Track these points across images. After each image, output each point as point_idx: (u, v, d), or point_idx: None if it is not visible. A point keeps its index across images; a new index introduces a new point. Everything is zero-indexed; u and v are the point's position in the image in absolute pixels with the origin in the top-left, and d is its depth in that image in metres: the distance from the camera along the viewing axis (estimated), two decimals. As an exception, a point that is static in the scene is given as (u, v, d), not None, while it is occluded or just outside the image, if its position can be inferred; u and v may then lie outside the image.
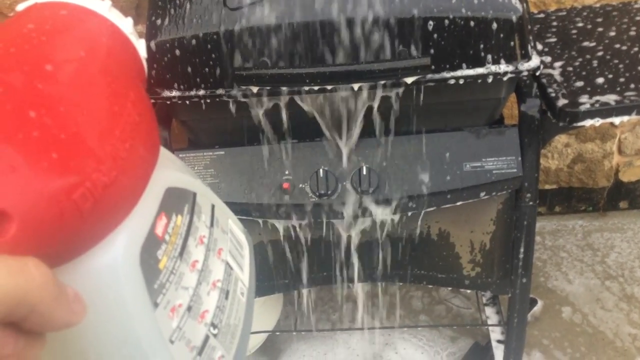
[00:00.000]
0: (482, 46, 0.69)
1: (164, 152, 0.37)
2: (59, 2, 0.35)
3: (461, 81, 0.70)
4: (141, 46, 0.38)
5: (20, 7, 0.34)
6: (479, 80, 0.71)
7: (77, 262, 0.30)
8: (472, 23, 0.67)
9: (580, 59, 0.83)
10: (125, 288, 0.32)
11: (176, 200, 0.37)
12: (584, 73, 0.79)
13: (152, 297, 0.33)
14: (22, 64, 0.29)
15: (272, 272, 0.93)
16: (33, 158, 0.26)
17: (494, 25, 0.68)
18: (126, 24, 0.37)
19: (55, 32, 0.32)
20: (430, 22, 0.67)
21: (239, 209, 0.81)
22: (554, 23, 0.95)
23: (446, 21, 0.67)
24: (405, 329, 1.30)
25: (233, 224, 0.46)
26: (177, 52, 0.69)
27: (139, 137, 0.32)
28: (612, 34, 0.88)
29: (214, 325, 0.39)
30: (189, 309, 0.36)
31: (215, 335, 0.38)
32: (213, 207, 0.43)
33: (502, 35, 0.68)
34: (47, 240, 0.27)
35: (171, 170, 0.38)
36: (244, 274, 0.45)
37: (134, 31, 0.38)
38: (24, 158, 0.26)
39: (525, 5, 0.69)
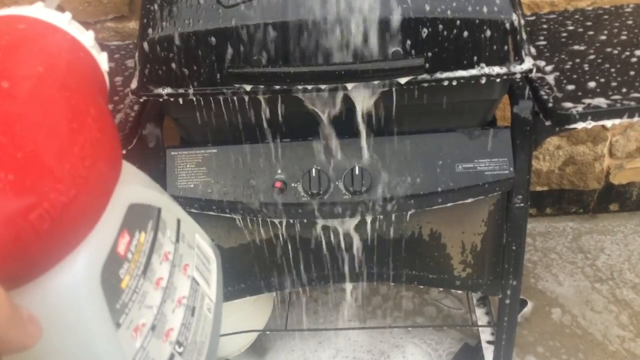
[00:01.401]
0: (476, 48, 0.69)
1: (127, 166, 0.37)
2: (17, 16, 0.34)
3: (454, 82, 0.70)
4: (103, 60, 0.37)
5: None
6: (472, 82, 0.71)
7: (36, 283, 0.29)
8: (466, 25, 0.67)
9: (570, 63, 0.83)
10: (86, 309, 0.31)
11: (140, 217, 0.36)
12: (574, 76, 0.80)
13: (114, 318, 0.32)
14: None
15: (263, 271, 0.93)
16: None
17: (488, 28, 0.68)
18: (87, 38, 0.36)
19: (13, 47, 0.31)
20: (425, 23, 0.67)
21: (231, 207, 0.81)
22: (544, 26, 0.96)
23: (440, 22, 0.67)
24: (406, 329, 1.30)
25: (200, 237, 0.45)
26: (170, 49, 0.69)
27: (99, 153, 0.32)
28: (603, 37, 0.89)
29: (179, 344, 0.38)
30: (153, 328, 0.36)
31: (180, 354, 0.38)
32: (179, 221, 0.42)
33: (495, 37, 0.69)
34: (3, 262, 0.26)
35: (135, 186, 0.37)
36: (211, 289, 0.44)
37: (96, 44, 0.36)
38: None
39: (519, 8, 0.69)
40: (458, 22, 0.67)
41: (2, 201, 0.26)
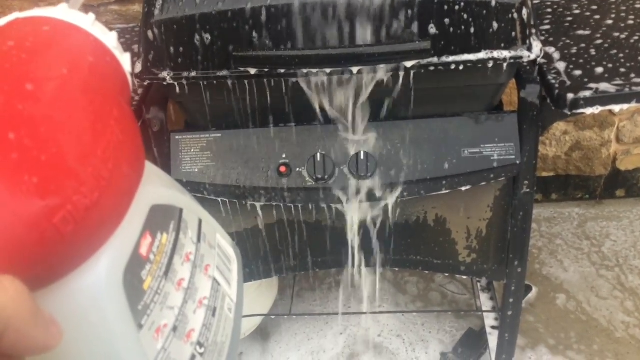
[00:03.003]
0: (483, 31, 0.68)
1: (149, 167, 0.36)
2: (41, 17, 0.34)
3: (461, 66, 0.70)
4: (126, 60, 0.37)
5: (0, 23, 0.33)
6: (480, 66, 0.70)
7: (58, 285, 0.29)
8: (474, 7, 0.67)
9: (576, 48, 0.82)
10: (108, 310, 0.31)
11: (161, 218, 0.36)
12: (581, 61, 0.79)
13: (136, 319, 0.32)
14: (2, 84, 0.28)
15: (268, 256, 0.93)
16: (12, 181, 0.26)
17: (496, 10, 0.67)
18: (110, 38, 0.36)
19: (37, 49, 0.31)
20: (432, 6, 0.66)
21: (235, 192, 0.81)
22: (549, 10, 0.94)
23: (448, 5, 0.66)
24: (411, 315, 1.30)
25: (221, 237, 0.45)
26: (174, 32, 0.68)
27: (122, 155, 0.31)
28: (610, 22, 0.87)
29: (200, 344, 0.38)
30: (175, 329, 0.36)
31: (201, 355, 0.38)
32: (200, 221, 0.42)
33: (503, 20, 0.68)
34: (26, 265, 0.26)
35: (157, 187, 0.37)
36: (232, 289, 0.44)
37: (119, 45, 0.36)
38: (2, 181, 0.25)
39: (527, -10, 0.68)
40: (466, 4, 0.66)
41: (27, 204, 0.26)
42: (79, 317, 0.30)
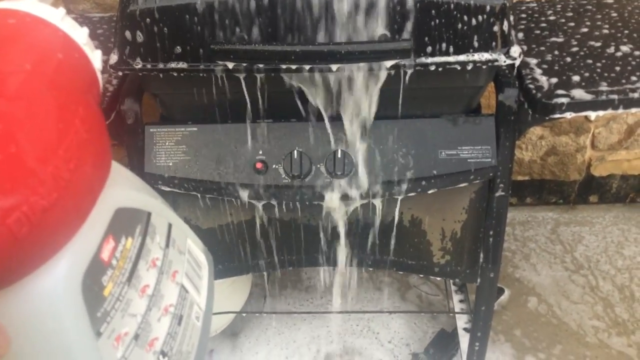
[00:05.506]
0: (463, 33, 0.68)
1: (117, 168, 0.35)
2: (8, 10, 0.32)
3: (441, 68, 0.69)
4: (96, 58, 0.36)
5: None
6: (459, 68, 0.70)
7: (12, 288, 0.28)
8: (455, 9, 0.66)
9: (551, 54, 0.82)
10: (65, 317, 0.30)
11: (127, 222, 0.35)
12: (557, 67, 0.79)
13: (94, 326, 0.31)
14: None
15: (241, 253, 0.92)
16: None
17: (477, 12, 0.67)
18: (80, 34, 0.34)
19: (0, 42, 0.30)
20: (413, 6, 0.66)
21: (210, 187, 0.80)
22: (524, 15, 0.95)
23: (429, 6, 0.66)
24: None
25: (192, 242, 0.44)
26: (151, 23, 0.67)
27: (86, 155, 0.30)
28: (585, 29, 0.88)
29: (163, 354, 0.37)
30: (136, 337, 0.35)
31: None
32: (170, 226, 0.41)
33: (484, 23, 0.68)
34: None
35: (123, 189, 0.36)
36: (201, 297, 0.43)
37: (89, 41, 0.35)
38: None
39: (508, -7, 0.68)
40: (447, 6, 0.66)
41: None
42: (34, 322, 0.29)
